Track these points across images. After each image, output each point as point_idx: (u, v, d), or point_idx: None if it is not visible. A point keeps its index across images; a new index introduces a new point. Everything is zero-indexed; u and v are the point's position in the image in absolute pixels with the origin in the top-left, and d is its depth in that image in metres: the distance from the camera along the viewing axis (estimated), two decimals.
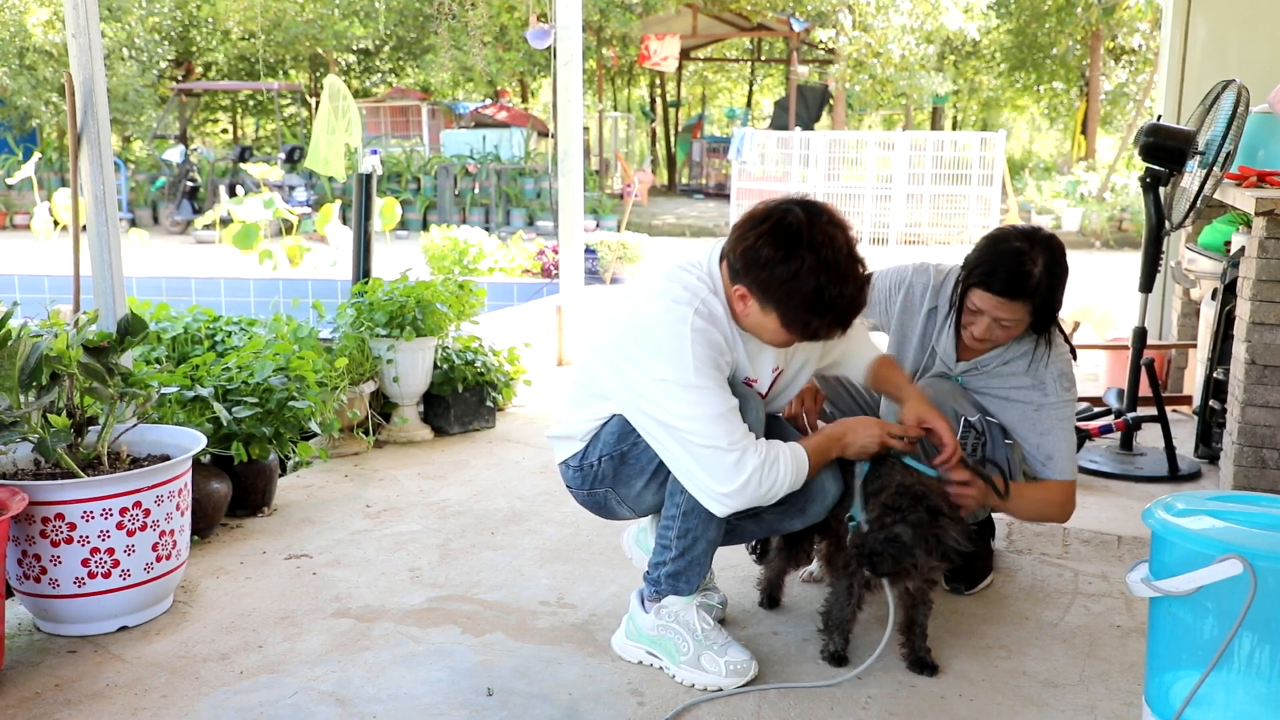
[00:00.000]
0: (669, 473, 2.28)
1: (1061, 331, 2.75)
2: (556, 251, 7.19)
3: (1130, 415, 4.04)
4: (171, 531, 2.62)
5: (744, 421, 2.19)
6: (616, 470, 2.36)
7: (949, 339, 2.74)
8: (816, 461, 2.28)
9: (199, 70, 24.84)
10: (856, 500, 2.34)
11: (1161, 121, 4.32)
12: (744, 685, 2.30)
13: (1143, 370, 4.07)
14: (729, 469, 2.14)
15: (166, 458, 2.73)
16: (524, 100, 25.67)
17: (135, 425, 2.77)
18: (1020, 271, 2.52)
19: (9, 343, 2.47)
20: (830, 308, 2.14)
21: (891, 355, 2.66)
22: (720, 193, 19.98)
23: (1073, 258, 2.74)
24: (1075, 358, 2.80)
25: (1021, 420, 2.68)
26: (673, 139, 24.80)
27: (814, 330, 2.18)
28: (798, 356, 2.44)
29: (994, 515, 2.93)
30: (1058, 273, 2.57)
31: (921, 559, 2.22)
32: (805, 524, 2.45)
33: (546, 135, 19.63)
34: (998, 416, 2.71)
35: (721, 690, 2.28)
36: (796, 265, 2.11)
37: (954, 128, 27.47)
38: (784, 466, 2.19)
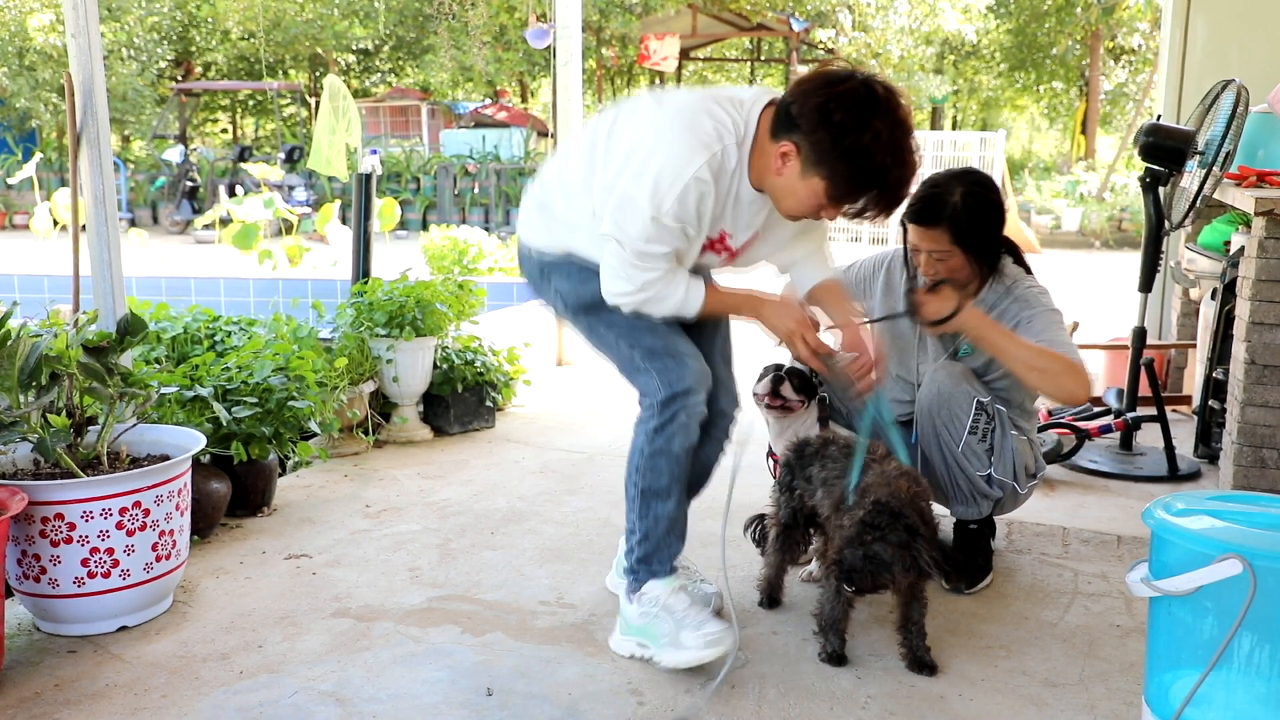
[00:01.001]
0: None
1: (1022, 263, 2.83)
2: None
3: (1130, 415, 4.04)
4: (171, 531, 2.62)
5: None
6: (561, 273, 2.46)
7: (900, 289, 2.83)
8: (713, 308, 2.34)
9: (199, 70, 24.83)
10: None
11: (1161, 121, 4.31)
12: (721, 655, 2.31)
13: (1142, 370, 4.08)
14: (633, 287, 2.27)
15: (166, 458, 2.73)
16: (524, 100, 25.66)
17: (135, 425, 2.77)
18: (935, 199, 2.64)
19: (9, 343, 2.47)
20: (886, 188, 2.12)
21: (839, 280, 2.61)
22: None
23: (1072, 257, 2.77)
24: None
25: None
26: None
27: (860, 206, 2.16)
28: (776, 231, 2.43)
29: (994, 515, 2.93)
30: (977, 203, 2.65)
31: (899, 575, 2.25)
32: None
33: (546, 135, 19.63)
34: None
35: (700, 661, 2.30)
36: (869, 137, 2.05)
37: (953, 127, 27.45)
38: (674, 295, 2.29)
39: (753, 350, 2.92)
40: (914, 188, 2.50)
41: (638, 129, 2.24)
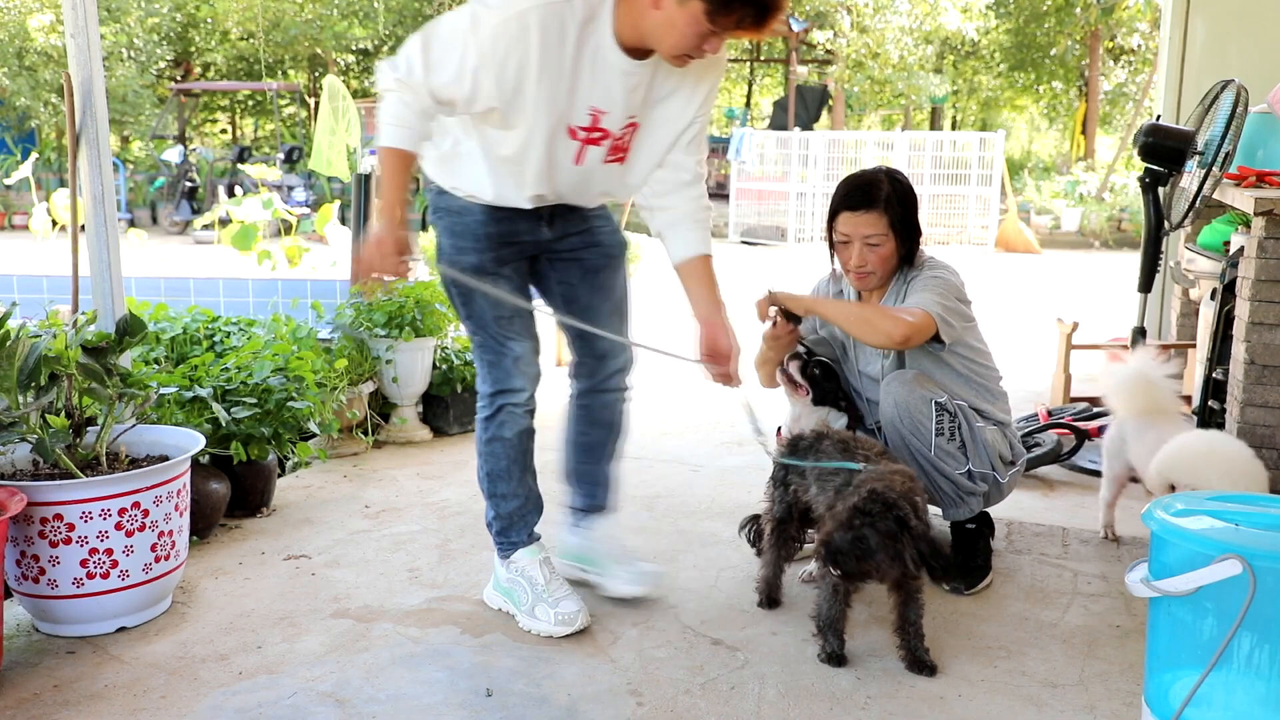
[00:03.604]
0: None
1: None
2: None
3: None
4: (170, 532, 2.62)
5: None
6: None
7: (852, 295, 2.94)
8: (382, 168, 2.42)
9: (198, 70, 24.82)
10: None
11: (1160, 121, 4.32)
12: (571, 634, 2.51)
13: None
14: (384, 80, 2.32)
15: (165, 458, 2.73)
16: None
17: (134, 426, 2.77)
18: (868, 186, 2.79)
19: (8, 343, 2.47)
20: None
21: (708, 258, 2.58)
22: (719, 192, 19.93)
23: (1072, 258, 2.77)
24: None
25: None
26: None
27: (736, 17, 2.17)
28: (658, 127, 2.43)
29: (993, 515, 2.93)
30: (903, 192, 2.81)
31: (884, 563, 2.25)
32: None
33: None
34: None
35: (551, 635, 2.51)
36: None
37: (953, 128, 27.46)
38: (386, 119, 2.32)
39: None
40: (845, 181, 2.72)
41: None
